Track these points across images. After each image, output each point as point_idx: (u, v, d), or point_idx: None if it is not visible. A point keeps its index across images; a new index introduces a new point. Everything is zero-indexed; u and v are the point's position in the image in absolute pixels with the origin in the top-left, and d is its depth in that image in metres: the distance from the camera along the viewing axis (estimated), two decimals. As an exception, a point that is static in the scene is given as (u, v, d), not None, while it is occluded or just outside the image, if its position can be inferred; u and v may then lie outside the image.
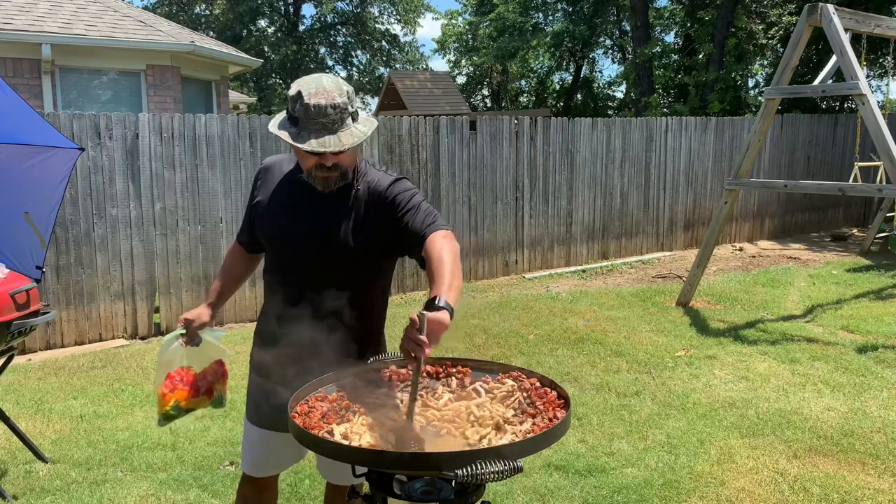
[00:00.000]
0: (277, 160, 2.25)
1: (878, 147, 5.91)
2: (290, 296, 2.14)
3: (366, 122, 2.04)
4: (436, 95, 21.11)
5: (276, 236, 2.16)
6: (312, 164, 2.01)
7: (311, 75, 2.02)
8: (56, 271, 5.94)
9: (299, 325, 2.10)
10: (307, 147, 1.93)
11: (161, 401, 2.41)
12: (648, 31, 18.85)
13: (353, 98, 2.00)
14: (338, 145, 1.94)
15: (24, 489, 3.49)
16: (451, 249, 1.91)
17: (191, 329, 2.36)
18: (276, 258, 2.21)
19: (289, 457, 2.34)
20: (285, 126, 1.99)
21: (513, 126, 8.63)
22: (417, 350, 1.65)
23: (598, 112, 26.49)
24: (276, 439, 2.22)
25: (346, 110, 1.96)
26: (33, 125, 3.64)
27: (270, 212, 2.17)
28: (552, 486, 3.48)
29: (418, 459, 1.62)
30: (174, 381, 2.39)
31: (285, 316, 2.12)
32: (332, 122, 1.93)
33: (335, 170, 2.01)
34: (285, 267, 2.16)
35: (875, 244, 10.12)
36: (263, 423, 2.24)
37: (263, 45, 29.24)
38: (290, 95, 1.98)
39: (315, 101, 1.92)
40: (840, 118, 12.28)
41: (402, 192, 2.07)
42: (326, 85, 1.95)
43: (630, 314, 6.79)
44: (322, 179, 2.03)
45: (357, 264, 2.11)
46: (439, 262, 1.87)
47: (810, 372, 5.12)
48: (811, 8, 6.14)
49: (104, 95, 9.59)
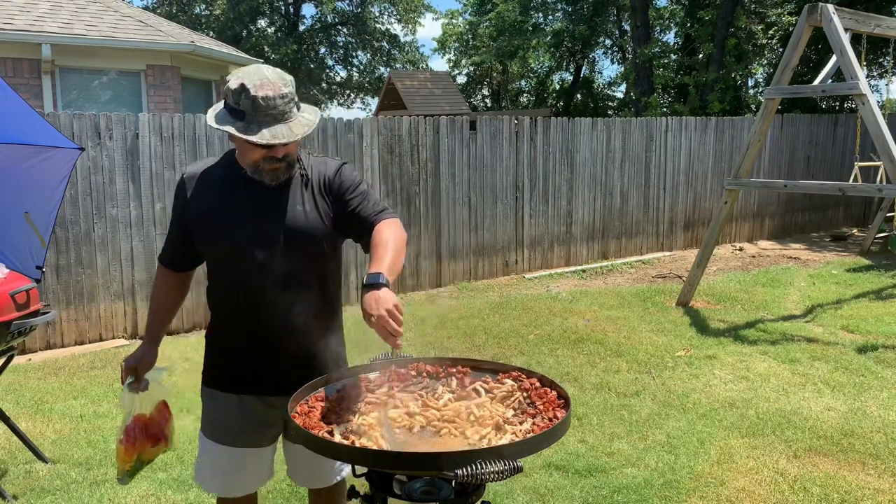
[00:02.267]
0: (200, 167, 2.15)
1: (878, 147, 5.91)
2: (255, 299, 2.05)
3: (310, 111, 2.02)
4: (436, 95, 21.10)
5: (234, 242, 2.04)
6: (260, 156, 1.97)
7: (249, 67, 1.98)
8: (56, 271, 5.94)
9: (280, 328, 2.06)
10: (261, 140, 1.89)
11: (123, 457, 2.26)
12: (648, 31, 18.85)
13: (294, 86, 1.98)
14: (290, 136, 1.93)
15: (24, 489, 3.49)
16: (399, 236, 1.98)
17: (139, 374, 2.25)
18: (231, 265, 2.07)
19: (266, 470, 2.25)
20: (228, 120, 1.93)
21: (513, 126, 8.63)
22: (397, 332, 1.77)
23: (598, 112, 26.49)
24: (250, 455, 2.17)
25: (292, 100, 1.95)
26: (33, 125, 3.63)
27: (218, 219, 2.05)
28: (552, 486, 3.48)
29: (418, 459, 1.62)
30: (133, 434, 2.25)
31: (260, 323, 2.06)
32: (281, 112, 1.92)
33: (284, 160, 2.00)
34: (245, 270, 2.04)
35: (875, 244, 10.12)
36: (236, 441, 2.15)
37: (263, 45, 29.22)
38: (230, 88, 1.92)
39: (262, 92, 1.89)
40: (840, 118, 12.28)
41: (349, 176, 2.12)
42: (270, 76, 1.93)
43: (630, 314, 6.79)
44: (270, 172, 2.00)
45: (320, 251, 2.10)
46: (385, 245, 1.93)
47: (810, 372, 5.12)
48: (811, 8, 6.14)
49: (104, 95, 9.59)
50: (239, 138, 1.94)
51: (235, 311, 2.10)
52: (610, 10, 23.40)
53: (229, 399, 2.16)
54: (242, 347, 2.11)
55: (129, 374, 2.24)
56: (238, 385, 2.15)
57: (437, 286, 8.14)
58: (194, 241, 2.13)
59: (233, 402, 2.15)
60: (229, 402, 2.16)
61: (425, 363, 2.10)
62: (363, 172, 7.45)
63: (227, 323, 2.15)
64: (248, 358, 2.11)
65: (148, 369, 2.27)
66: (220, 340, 2.18)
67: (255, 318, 2.07)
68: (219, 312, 2.18)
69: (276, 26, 31.05)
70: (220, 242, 2.07)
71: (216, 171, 2.13)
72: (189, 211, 2.11)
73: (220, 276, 2.13)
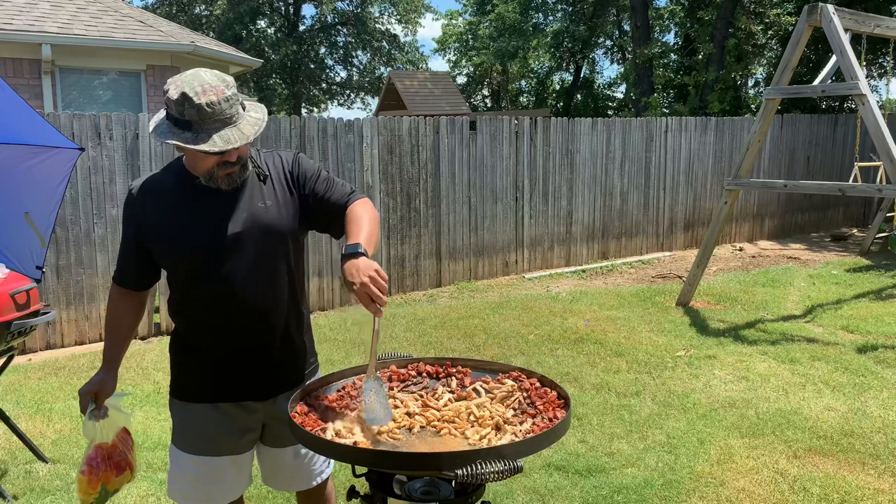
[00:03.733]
0: (149, 181, 2.09)
1: (878, 147, 5.91)
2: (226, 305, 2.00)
3: (255, 108, 1.98)
4: (436, 95, 21.11)
5: (199, 252, 1.98)
6: (213, 163, 1.92)
7: (186, 73, 1.90)
8: (56, 271, 5.94)
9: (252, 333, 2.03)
10: (213, 148, 1.84)
11: (86, 489, 2.15)
12: (648, 31, 18.85)
13: (236, 87, 1.93)
14: (242, 138, 1.87)
15: (24, 489, 3.49)
16: (372, 214, 1.99)
17: (98, 401, 2.15)
18: (196, 274, 2.01)
19: (245, 480, 2.20)
20: (174, 132, 1.87)
21: (513, 126, 8.63)
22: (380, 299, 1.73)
23: (598, 112, 26.50)
24: (227, 464, 2.12)
25: (237, 101, 1.90)
26: (33, 125, 3.63)
27: (178, 231, 1.99)
28: (552, 486, 3.48)
29: (418, 459, 1.62)
30: (95, 464, 2.14)
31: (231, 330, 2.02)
32: (228, 116, 1.86)
33: (238, 163, 1.95)
34: (212, 277, 1.99)
35: (875, 244, 10.12)
36: (213, 450, 2.10)
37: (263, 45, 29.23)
38: (171, 99, 1.85)
39: (206, 98, 1.83)
40: (840, 118, 12.28)
41: (308, 165, 2.10)
42: (210, 80, 1.87)
43: (630, 314, 6.79)
44: (226, 177, 1.95)
45: (285, 246, 2.06)
46: (359, 220, 1.94)
47: (810, 372, 5.12)
48: (811, 8, 6.14)
49: (104, 95, 9.59)
50: (190, 149, 1.88)
51: (205, 320, 2.05)
52: (610, 10, 23.41)
53: (204, 409, 2.09)
54: (216, 355, 2.06)
55: (90, 402, 2.13)
56: (214, 394, 2.09)
57: (437, 286, 8.14)
58: (154, 255, 2.06)
59: (208, 411, 2.09)
60: (204, 411, 2.09)
61: (425, 363, 2.10)
62: (363, 172, 7.45)
63: (195, 332, 2.09)
64: (223, 366, 2.06)
65: (108, 395, 2.17)
66: (188, 350, 2.11)
67: (228, 324, 2.02)
68: (185, 323, 2.12)
69: (276, 26, 31.06)
70: (183, 253, 2.00)
71: (166, 181, 2.06)
72: (145, 225, 2.03)
73: (185, 286, 2.06)
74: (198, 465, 2.10)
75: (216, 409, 2.09)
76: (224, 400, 2.09)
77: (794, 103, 14.73)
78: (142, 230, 2.04)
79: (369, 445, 1.70)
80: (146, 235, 2.04)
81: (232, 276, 1.98)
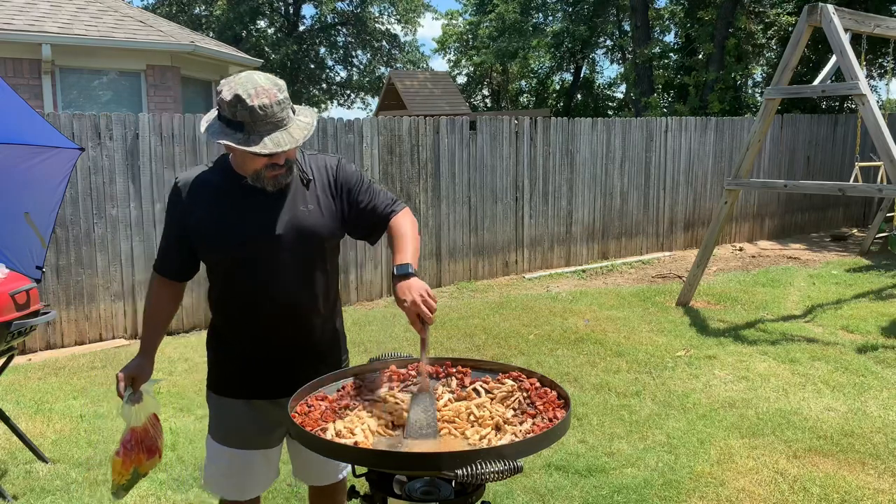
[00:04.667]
0: (195, 174, 2.12)
1: (878, 147, 5.91)
2: (263, 304, 2.06)
3: (306, 112, 2.02)
4: (436, 95, 21.10)
5: (240, 249, 2.03)
6: (261, 165, 1.96)
7: (240, 75, 1.95)
8: (56, 271, 5.94)
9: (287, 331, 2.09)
10: (263, 150, 1.88)
11: (120, 470, 2.22)
12: (648, 31, 18.85)
13: (287, 91, 1.98)
14: (293, 142, 1.92)
15: (24, 489, 3.49)
16: (414, 226, 2.10)
17: (135, 385, 2.20)
18: (236, 271, 2.06)
19: (273, 473, 2.27)
20: (227, 133, 1.91)
21: (513, 126, 8.63)
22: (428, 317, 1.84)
23: (598, 112, 26.51)
24: (259, 458, 2.18)
25: (287, 105, 1.94)
26: (33, 125, 3.63)
27: (222, 227, 2.03)
28: (552, 486, 3.48)
29: (418, 459, 1.62)
30: (130, 447, 2.22)
31: (267, 327, 2.08)
32: (279, 119, 1.91)
33: (285, 165, 1.99)
34: (251, 276, 2.05)
35: (875, 244, 10.12)
36: (246, 444, 2.16)
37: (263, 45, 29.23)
38: (224, 100, 1.89)
39: (259, 101, 1.87)
40: (840, 118, 12.28)
41: (351, 172, 2.16)
42: (263, 83, 1.91)
43: (630, 314, 6.79)
44: (272, 179, 1.99)
45: (324, 250, 2.12)
46: (405, 236, 2.04)
47: (810, 372, 5.12)
48: (811, 8, 6.14)
49: (104, 95, 9.59)
50: (240, 150, 1.93)
51: (241, 317, 2.10)
52: (610, 10, 23.39)
53: (238, 404, 2.16)
54: (252, 353, 2.11)
55: (128, 386, 2.19)
56: (248, 391, 2.15)
57: (437, 286, 8.14)
58: (196, 249, 2.10)
59: (242, 406, 2.16)
60: (238, 406, 2.16)
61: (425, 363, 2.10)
62: (363, 172, 7.45)
63: (232, 328, 2.14)
64: (258, 364, 2.12)
65: (145, 381, 2.22)
66: (225, 346, 2.17)
67: (264, 322, 2.08)
68: (222, 319, 2.17)
69: (276, 27, 31.06)
70: (224, 250, 2.05)
71: (213, 178, 2.10)
72: (189, 219, 2.07)
73: (224, 283, 2.12)
74: (231, 457, 2.17)
75: (249, 405, 2.15)
76: (257, 397, 2.14)
77: (794, 103, 14.72)
78: (185, 224, 2.08)
79: (369, 445, 1.70)
80: (189, 230, 2.08)
81: (269, 276, 2.04)
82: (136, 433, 2.24)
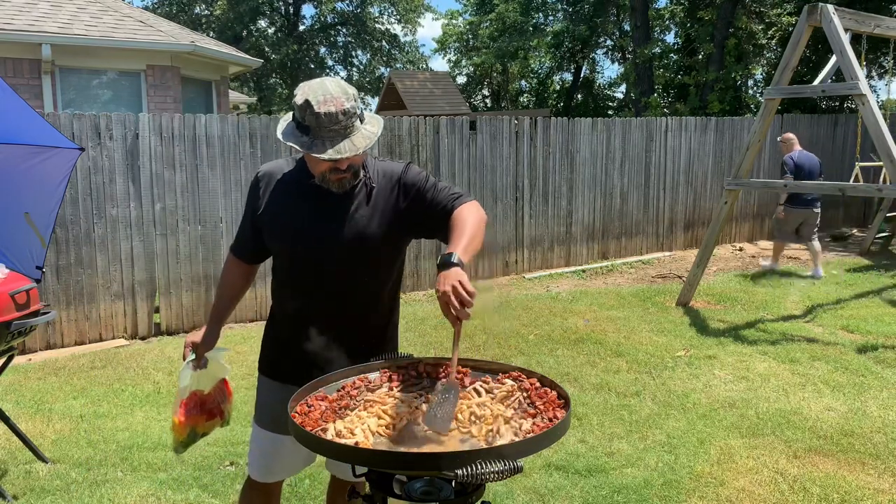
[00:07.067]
0: (275, 166, 2.24)
1: (878, 147, 5.91)
2: (311, 299, 2.15)
3: (372, 121, 2.08)
4: (436, 95, 21.11)
5: (298, 242, 2.13)
6: (326, 168, 2.03)
7: (314, 81, 2.02)
8: (56, 271, 5.94)
9: (333, 327, 2.15)
10: (325, 156, 1.95)
11: (178, 429, 2.39)
12: (648, 31, 18.85)
13: (357, 99, 2.03)
14: (353, 150, 1.97)
15: (24, 489, 3.49)
16: (477, 216, 2.03)
17: (199, 352, 2.35)
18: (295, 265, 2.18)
19: (300, 461, 2.32)
20: (295, 135, 2.00)
21: (513, 126, 8.63)
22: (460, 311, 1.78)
23: (599, 112, 26.50)
24: (288, 443, 2.18)
25: (355, 114, 2.00)
26: (33, 125, 3.64)
27: (285, 219, 2.15)
28: (552, 486, 3.48)
29: (418, 459, 1.62)
30: (188, 408, 2.37)
31: (315, 321, 2.15)
32: (344, 127, 1.96)
33: (349, 170, 2.05)
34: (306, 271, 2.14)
35: (875, 244, 10.12)
36: (276, 427, 2.22)
37: (263, 45, 29.24)
38: (296, 104, 1.98)
39: (325, 109, 1.93)
40: (840, 118, 12.27)
41: (417, 175, 2.18)
42: (333, 91, 1.97)
43: (630, 314, 6.79)
44: (337, 182, 2.06)
45: (380, 255, 2.16)
46: (462, 226, 1.98)
47: (810, 372, 5.12)
48: (811, 8, 6.14)
49: (104, 95, 9.59)
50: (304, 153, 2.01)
51: (293, 306, 2.20)
52: (610, 10, 23.39)
53: (275, 386, 2.24)
54: (298, 342, 2.18)
55: (191, 352, 2.33)
56: (284, 374, 2.23)
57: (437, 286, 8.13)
58: (264, 238, 2.22)
59: (277, 389, 2.21)
60: (275, 389, 2.23)
61: (425, 363, 2.10)
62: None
63: (283, 316, 2.26)
64: (301, 353, 2.18)
65: (208, 349, 2.36)
66: (275, 328, 2.29)
67: (308, 315, 2.16)
68: (277, 305, 2.30)
69: (276, 26, 31.08)
70: (284, 241, 2.16)
71: (289, 173, 2.20)
72: (261, 210, 2.19)
73: (282, 272, 2.23)
74: (263, 439, 2.28)
75: (284, 389, 2.17)
76: (291, 382, 2.16)
77: (794, 103, 14.72)
78: (257, 212, 2.20)
79: (369, 445, 1.70)
80: (259, 218, 2.20)
81: (322, 273, 2.12)
82: (195, 396, 2.37)
